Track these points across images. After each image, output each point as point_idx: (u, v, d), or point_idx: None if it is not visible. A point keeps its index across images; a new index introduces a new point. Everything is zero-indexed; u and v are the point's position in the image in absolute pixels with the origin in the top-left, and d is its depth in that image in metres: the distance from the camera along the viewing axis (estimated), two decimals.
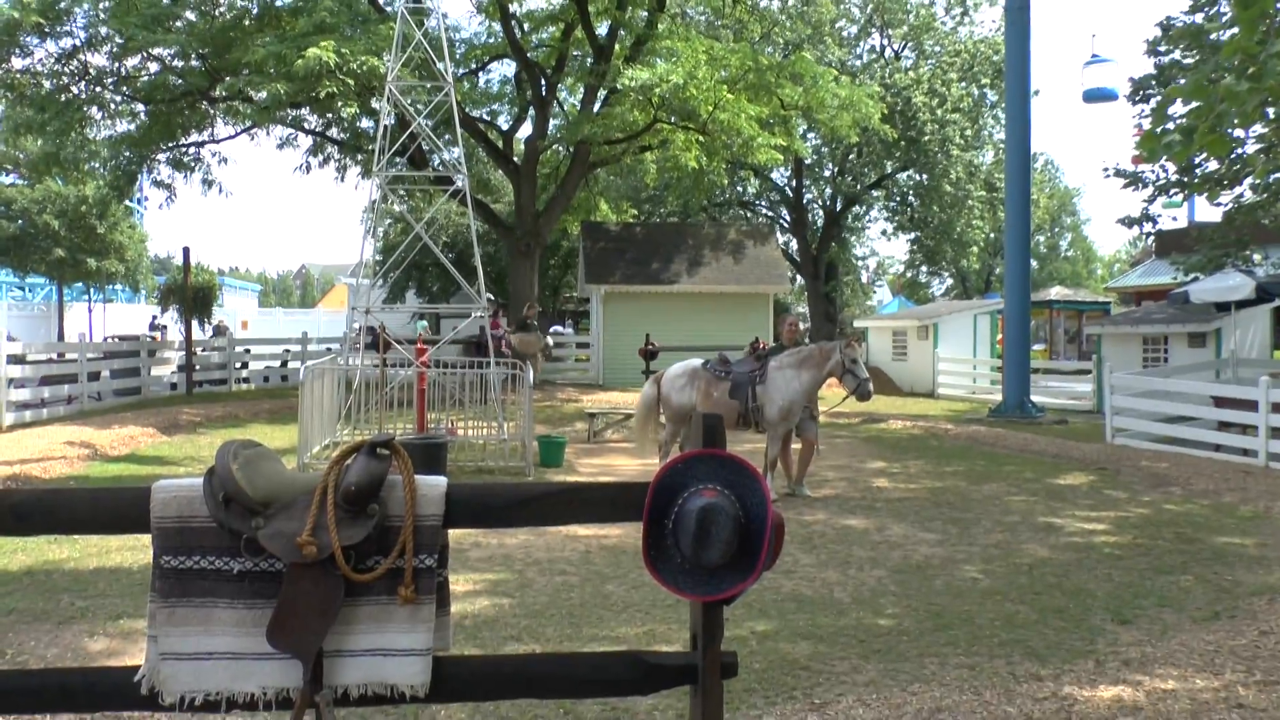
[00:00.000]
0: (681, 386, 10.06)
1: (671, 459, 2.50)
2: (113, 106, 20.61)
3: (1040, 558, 7.34)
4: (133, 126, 20.99)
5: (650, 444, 10.44)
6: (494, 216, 24.73)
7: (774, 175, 35.18)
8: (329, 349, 23.26)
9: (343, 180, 25.05)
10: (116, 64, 20.15)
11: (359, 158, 23.66)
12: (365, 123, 22.75)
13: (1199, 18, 16.59)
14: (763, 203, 37.79)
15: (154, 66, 20.48)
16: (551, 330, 29.50)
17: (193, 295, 20.94)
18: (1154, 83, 17.95)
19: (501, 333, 20.87)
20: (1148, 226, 19.65)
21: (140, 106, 20.75)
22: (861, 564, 7.12)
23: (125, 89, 20.60)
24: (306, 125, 23.29)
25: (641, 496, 2.45)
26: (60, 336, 31.86)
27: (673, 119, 21.04)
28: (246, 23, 20.03)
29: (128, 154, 21.18)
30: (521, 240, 22.91)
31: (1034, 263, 48.75)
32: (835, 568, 7.00)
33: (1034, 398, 18.77)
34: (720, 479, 2.42)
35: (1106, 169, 19.68)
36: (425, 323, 27.58)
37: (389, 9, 20.02)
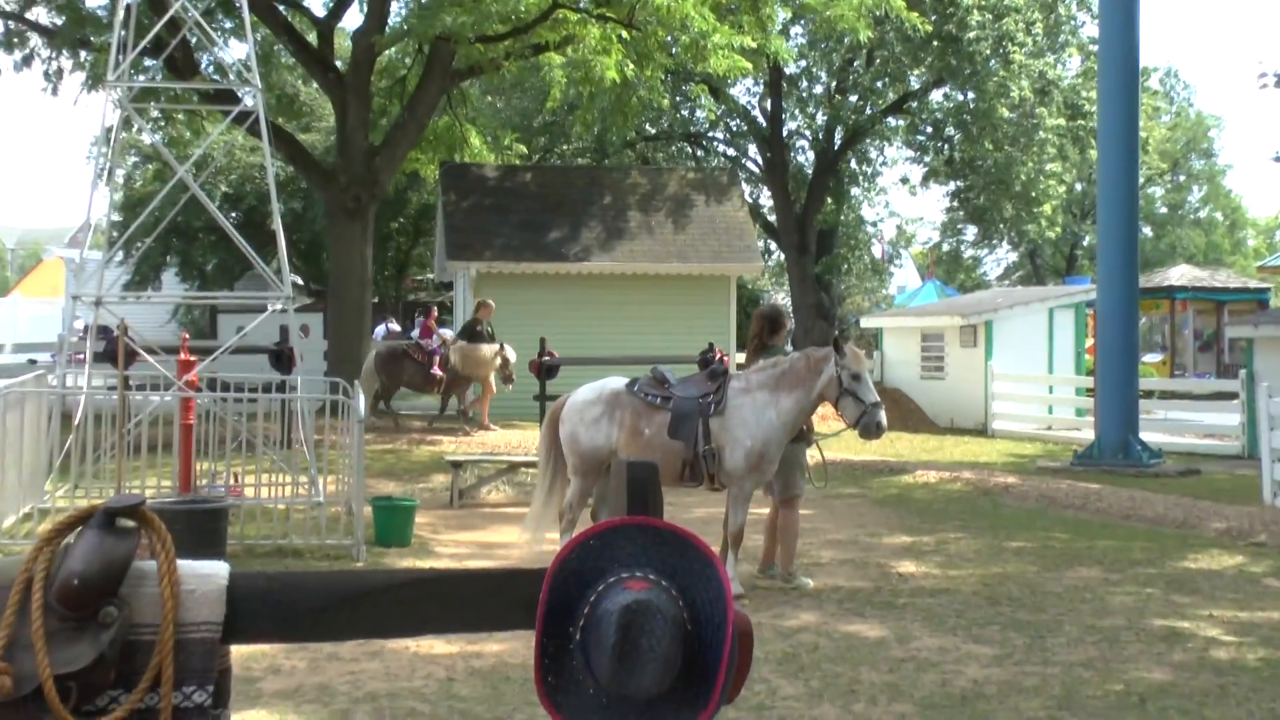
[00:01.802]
0: (595, 419, 10.03)
1: (581, 533, 2.51)
2: None
3: (1158, 683, 7.45)
4: None
5: (554, 513, 10.41)
6: (305, 154, 24.55)
7: (738, 93, 35.47)
8: (33, 361, 22.83)
9: (56, 93, 24.71)
10: None
11: (84, 57, 23.29)
12: (94, 1, 22.45)
13: None
14: (721, 135, 38.09)
15: None
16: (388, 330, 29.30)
17: None
18: None
19: (438, 343, 20.65)
20: None
21: None
22: (875, 694, 7.18)
23: None
24: None
25: (534, 589, 2.46)
26: None
27: (582, 3, 21.11)
28: None
29: None
30: (348, 191, 22.77)
31: (1146, 229, 49.52)
32: (834, 701, 7.05)
33: (1146, 435, 19.09)
34: (655, 563, 2.44)
35: (1264, 74, 20.15)
36: None
37: None
